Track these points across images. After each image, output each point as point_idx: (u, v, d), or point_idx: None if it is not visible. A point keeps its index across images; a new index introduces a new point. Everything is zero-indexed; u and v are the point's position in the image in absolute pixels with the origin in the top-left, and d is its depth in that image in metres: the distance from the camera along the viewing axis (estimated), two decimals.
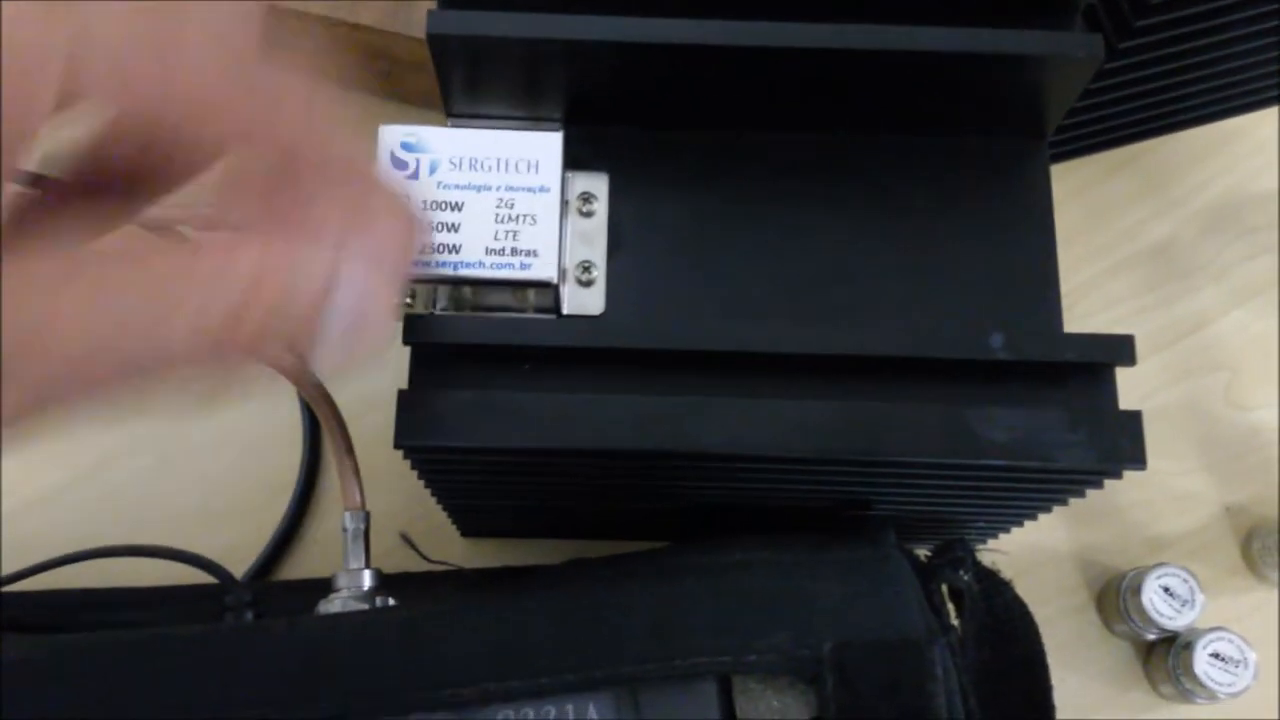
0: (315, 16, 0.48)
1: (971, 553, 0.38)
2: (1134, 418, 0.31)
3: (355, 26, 0.48)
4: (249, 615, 0.39)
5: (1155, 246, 0.55)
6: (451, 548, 0.49)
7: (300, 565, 0.49)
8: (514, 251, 0.33)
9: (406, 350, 0.33)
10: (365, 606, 0.37)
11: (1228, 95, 0.52)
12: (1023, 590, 0.39)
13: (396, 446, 0.31)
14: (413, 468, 0.34)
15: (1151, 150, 0.56)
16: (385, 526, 0.48)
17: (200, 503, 0.49)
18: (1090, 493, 0.50)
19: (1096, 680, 0.49)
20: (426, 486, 0.37)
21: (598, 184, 0.36)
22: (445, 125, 0.36)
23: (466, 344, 0.32)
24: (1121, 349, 0.32)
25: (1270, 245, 0.55)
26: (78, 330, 0.19)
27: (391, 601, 0.37)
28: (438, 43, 0.33)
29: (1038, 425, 0.31)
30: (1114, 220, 0.55)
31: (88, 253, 0.21)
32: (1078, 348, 0.32)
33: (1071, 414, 0.31)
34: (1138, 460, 0.31)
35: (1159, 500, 0.51)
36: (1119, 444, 0.31)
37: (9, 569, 0.43)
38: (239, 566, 0.48)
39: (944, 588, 0.37)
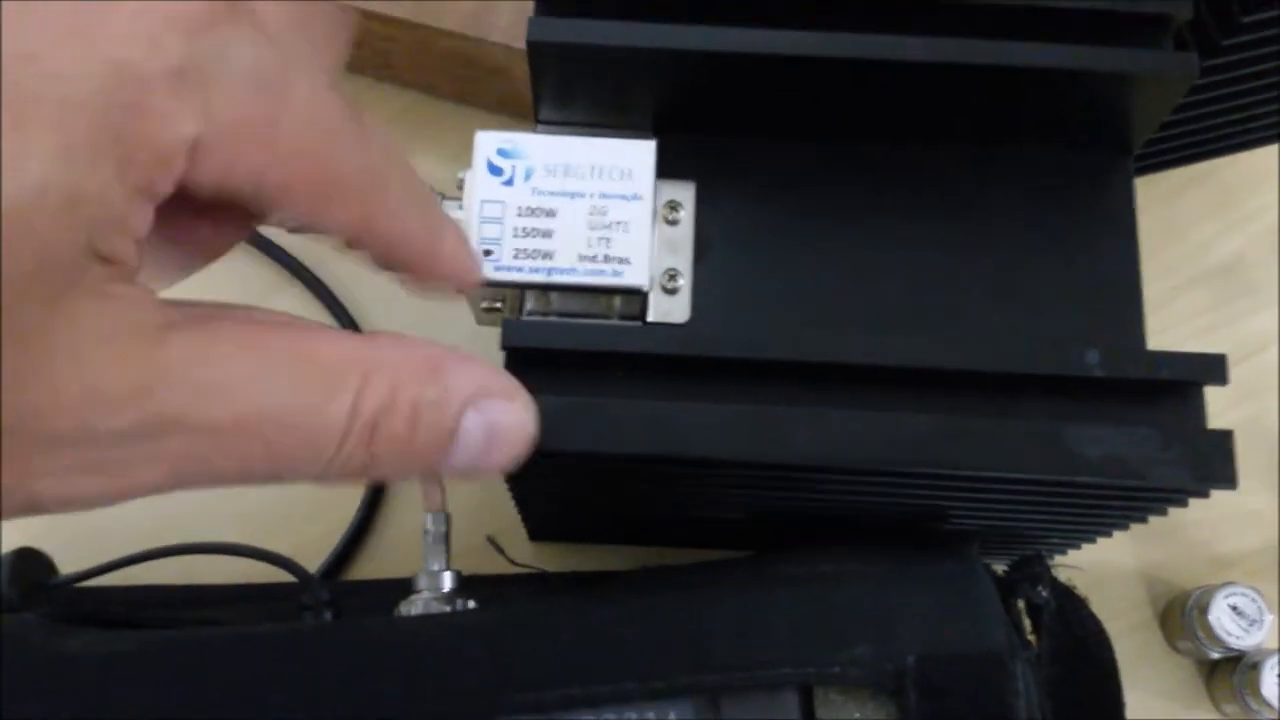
0: (399, 20, 0.48)
1: (1049, 569, 0.38)
2: (1226, 437, 0.31)
3: (438, 30, 0.48)
4: (327, 615, 0.39)
5: (1224, 264, 0.55)
6: (516, 551, 0.49)
7: (370, 564, 0.50)
8: (606, 259, 0.34)
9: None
10: (447, 608, 0.37)
11: None
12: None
13: None
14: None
15: (1223, 167, 0.55)
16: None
17: (270, 502, 0.50)
18: None
19: (1159, 698, 0.49)
20: (511, 490, 0.37)
21: (684, 192, 0.36)
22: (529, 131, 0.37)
23: (561, 349, 0.32)
24: (1214, 368, 0.32)
25: None
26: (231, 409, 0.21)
27: (472, 604, 0.37)
28: (537, 50, 0.34)
29: (1131, 443, 0.31)
30: (1183, 236, 0.55)
31: (263, 322, 0.23)
32: (1171, 366, 0.32)
33: (1164, 432, 0.31)
34: (1229, 480, 0.31)
35: (1224, 520, 0.51)
36: (1211, 463, 0.31)
37: (87, 564, 0.43)
38: (309, 566, 0.49)
39: (1020, 603, 0.37)
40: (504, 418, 0.26)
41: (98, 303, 0.19)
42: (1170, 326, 0.54)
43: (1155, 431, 0.31)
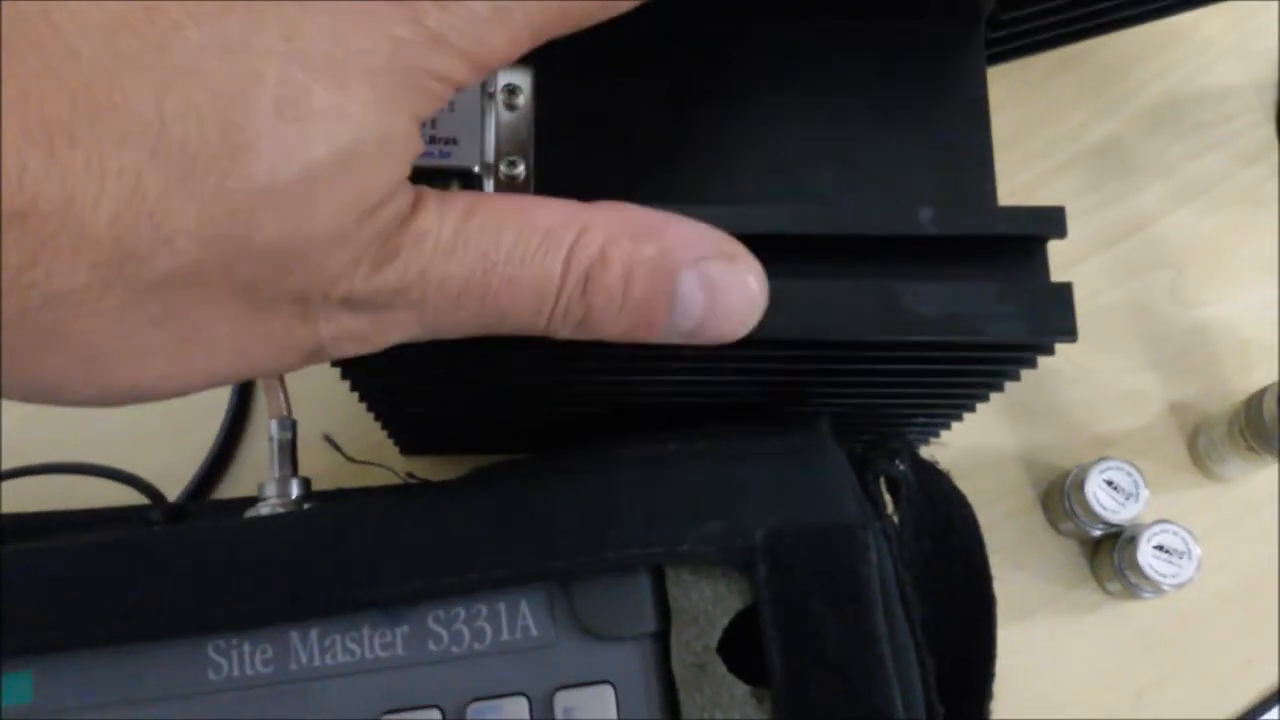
0: None
1: (909, 444, 0.37)
2: (1064, 289, 0.30)
3: None
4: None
5: (1098, 146, 0.54)
6: (392, 465, 0.48)
7: (236, 487, 0.49)
8: (433, 140, 0.32)
9: None
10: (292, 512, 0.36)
11: None
12: (968, 492, 0.39)
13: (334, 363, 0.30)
14: (343, 377, 0.33)
15: (1092, 51, 0.55)
16: (319, 444, 0.48)
17: (132, 422, 0.48)
18: (1033, 392, 0.51)
19: (1043, 579, 0.49)
20: (361, 400, 0.36)
21: (522, 77, 0.35)
22: None
23: None
24: (1052, 220, 0.31)
25: (1215, 143, 0.55)
26: None
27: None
28: None
29: (966, 298, 0.30)
30: (1057, 121, 0.54)
31: None
32: (1007, 220, 0.31)
33: (1001, 287, 0.30)
34: (1067, 331, 0.30)
35: (1104, 399, 0.51)
36: (1048, 316, 0.30)
37: None
38: (174, 488, 0.48)
39: (881, 480, 0.36)
40: (726, 279, 0.27)
41: (385, 208, 0.24)
42: None
43: (992, 286, 0.30)
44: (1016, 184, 0.54)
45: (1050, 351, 0.31)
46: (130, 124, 0.20)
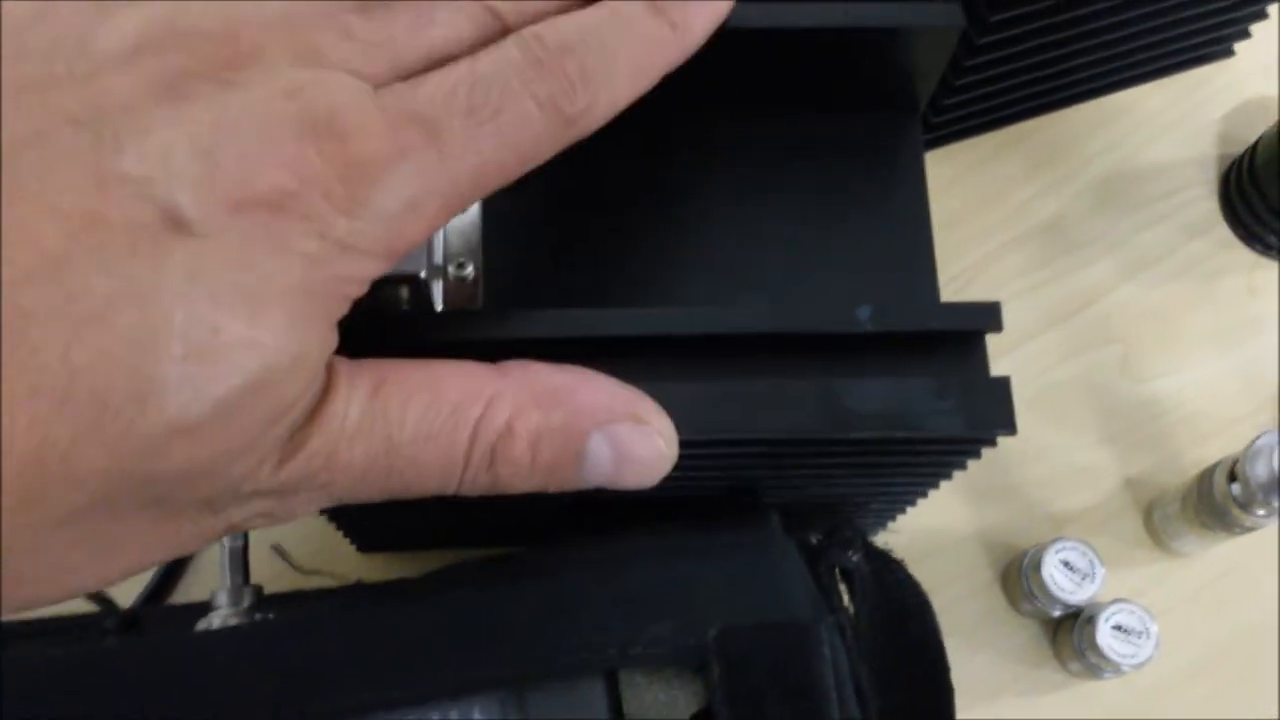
0: None
1: (861, 534, 0.37)
2: (1002, 384, 0.31)
3: None
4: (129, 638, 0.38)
5: (1047, 222, 0.55)
6: (349, 563, 0.48)
7: (193, 592, 0.48)
8: None
9: None
10: (243, 623, 0.35)
11: (1107, 70, 0.52)
12: (928, 573, 0.39)
13: None
14: None
15: (1039, 128, 0.56)
16: (272, 543, 0.47)
17: None
18: (990, 471, 0.51)
19: (1006, 658, 0.49)
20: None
21: None
22: None
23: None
24: (988, 316, 0.31)
25: (1162, 217, 0.55)
26: None
27: (270, 617, 0.36)
28: None
29: (905, 395, 0.30)
30: (1005, 198, 0.55)
31: None
32: (943, 316, 0.31)
33: (939, 382, 0.30)
34: (1006, 425, 0.30)
35: (1060, 476, 0.51)
36: (987, 410, 0.30)
37: None
38: (130, 593, 0.47)
39: (835, 570, 0.37)
40: (631, 441, 0.28)
41: (295, 410, 0.24)
42: (998, 286, 0.54)
43: (930, 381, 0.30)
44: (968, 261, 0.55)
45: (992, 444, 0.32)
46: (38, 378, 0.20)
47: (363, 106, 0.23)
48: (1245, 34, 0.55)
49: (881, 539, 0.39)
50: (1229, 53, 0.56)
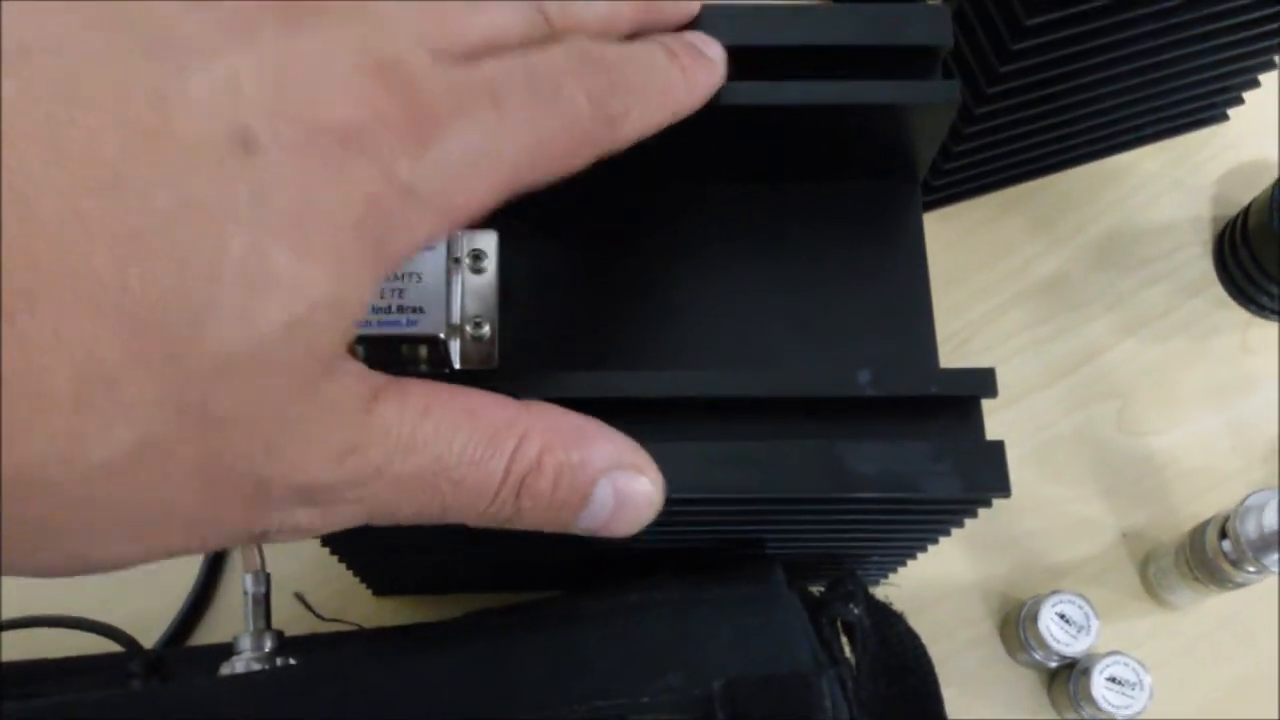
0: None
1: (862, 587, 0.39)
2: (996, 448, 0.32)
3: None
4: (155, 682, 0.39)
5: (1047, 281, 0.57)
6: (365, 607, 0.49)
7: (214, 631, 0.50)
8: (400, 309, 0.34)
9: None
10: (266, 668, 0.37)
11: (1104, 135, 0.54)
12: (927, 623, 0.40)
13: None
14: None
15: (1040, 189, 0.58)
16: (298, 587, 0.49)
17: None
18: (989, 522, 0.52)
19: (1003, 709, 0.50)
20: (332, 553, 0.38)
21: (488, 241, 0.37)
22: None
23: None
24: (983, 382, 0.33)
25: (1159, 276, 0.57)
26: None
27: (292, 662, 0.37)
28: None
29: (904, 457, 0.32)
30: (1007, 257, 0.57)
31: None
32: (941, 382, 0.33)
33: (936, 446, 0.32)
34: (1001, 488, 0.32)
35: (1058, 528, 0.53)
36: (983, 473, 0.32)
37: None
38: (154, 631, 0.49)
39: (837, 622, 0.38)
40: (632, 488, 0.29)
41: (336, 381, 0.24)
42: (998, 343, 0.55)
43: (927, 445, 0.32)
44: (970, 318, 0.56)
45: (987, 504, 0.33)
46: (89, 287, 0.19)
47: (429, 64, 0.24)
48: (1239, 100, 0.56)
49: (882, 591, 0.40)
50: (1224, 117, 0.58)
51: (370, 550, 0.39)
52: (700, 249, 0.37)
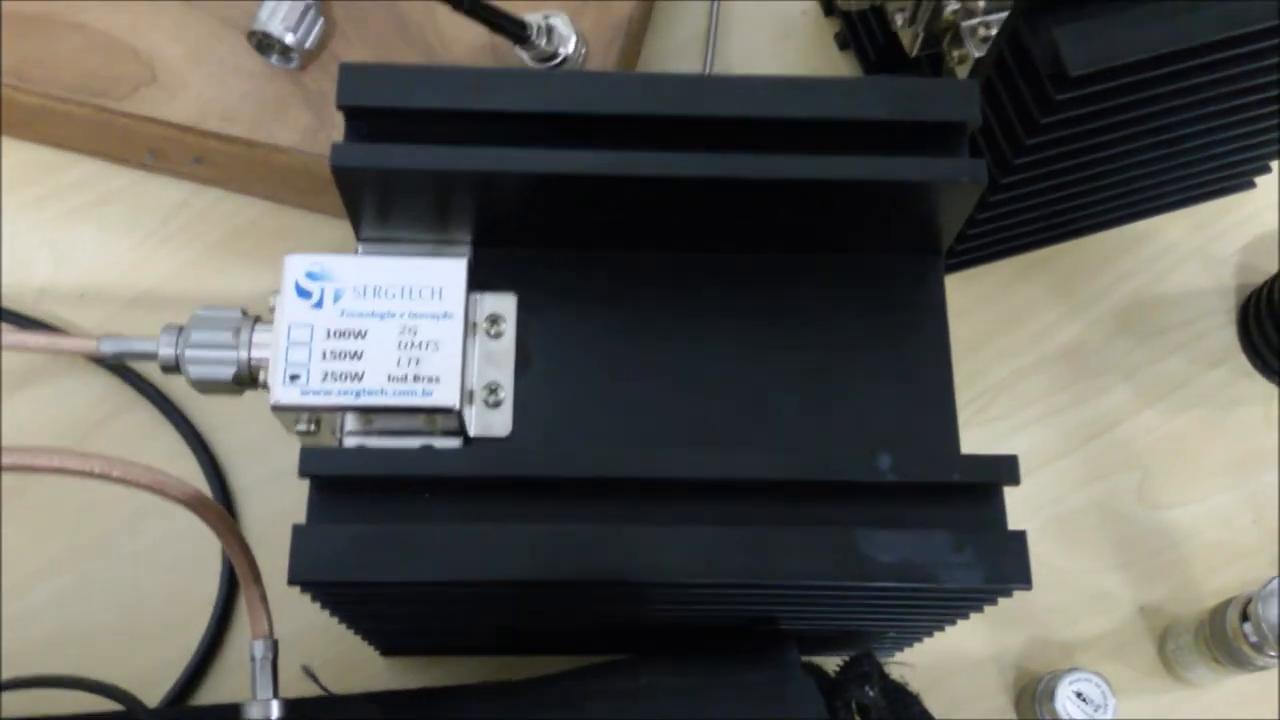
0: (238, 138, 0.49)
1: (878, 667, 0.38)
2: (1018, 538, 0.32)
3: (275, 147, 0.49)
4: None
5: (1067, 347, 0.56)
6: (372, 666, 0.49)
7: (221, 687, 0.49)
8: (416, 379, 0.34)
9: None
10: None
11: (1128, 203, 0.53)
12: (942, 697, 0.40)
13: (290, 583, 0.31)
14: (313, 600, 0.34)
15: (1061, 254, 0.57)
16: (304, 647, 0.48)
17: (120, 623, 0.49)
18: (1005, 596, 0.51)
19: None
20: (332, 615, 0.37)
21: (506, 305, 0.37)
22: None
23: (359, 476, 0.32)
24: (1006, 470, 0.32)
25: (1179, 345, 0.56)
26: None
27: None
28: (343, 176, 0.34)
29: (924, 547, 0.31)
30: (1026, 322, 0.56)
31: None
32: (963, 469, 0.32)
33: (957, 535, 0.31)
34: (1022, 580, 0.31)
35: (1075, 601, 0.52)
36: (1004, 565, 0.31)
37: None
38: (162, 686, 0.48)
39: (852, 704, 0.37)
40: None
41: None
42: (1017, 410, 0.55)
43: (948, 534, 0.31)
44: (988, 383, 0.56)
45: (1008, 595, 0.33)
46: None
47: None
48: (1266, 168, 0.56)
49: (897, 671, 0.40)
50: (1249, 185, 0.57)
51: (365, 614, 0.39)
52: (720, 318, 0.37)
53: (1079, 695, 0.46)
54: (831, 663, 0.41)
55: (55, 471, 0.35)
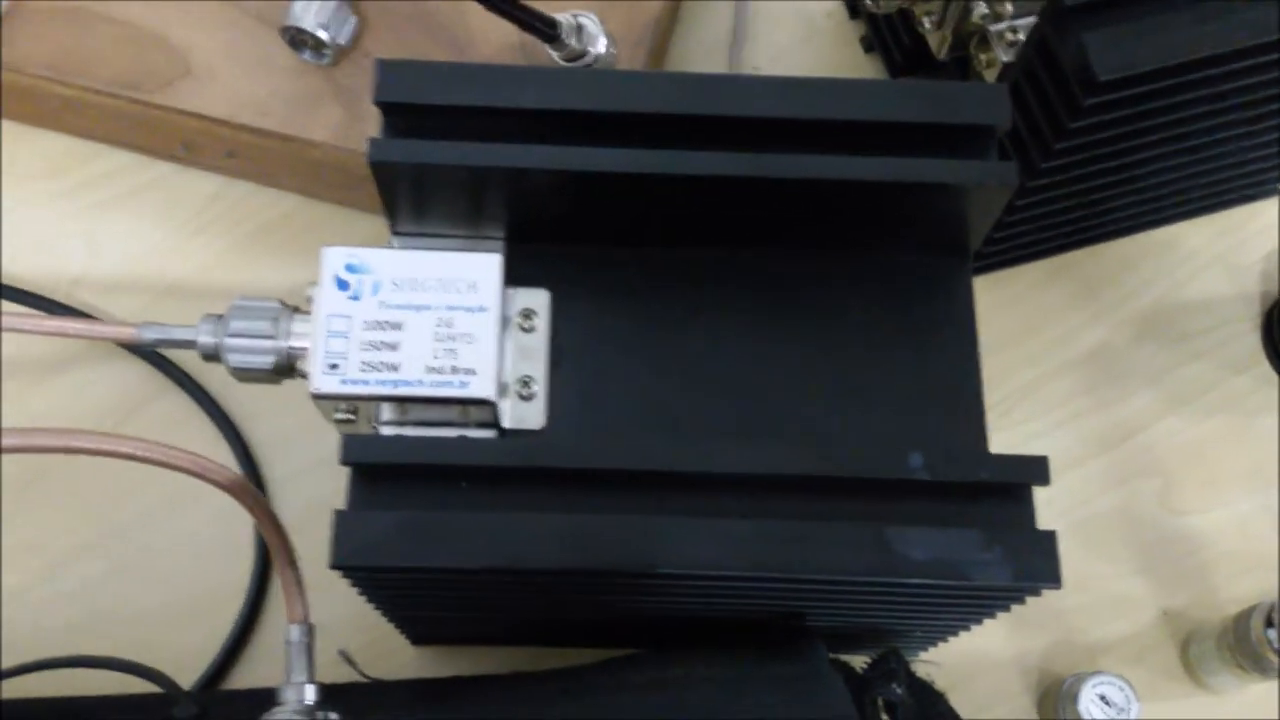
0: (272, 132, 0.49)
1: (905, 665, 0.38)
2: (1048, 537, 0.32)
3: (309, 142, 0.49)
4: None
5: (1091, 351, 0.56)
6: (402, 655, 0.49)
7: (253, 671, 0.50)
8: (453, 370, 0.34)
9: None
10: None
11: (1153, 208, 0.54)
12: (965, 697, 0.40)
13: (332, 567, 0.31)
14: (352, 585, 0.34)
15: (1086, 258, 0.57)
16: (335, 634, 0.49)
17: (154, 607, 0.50)
18: (1030, 597, 0.52)
19: None
20: (368, 602, 0.38)
21: (539, 300, 0.37)
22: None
23: (399, 464, 0.33)
24: (1037, 470, 0.33)
25: (1203, 351, 0.57)
26: None
27: (333, 716, 0.37)
28: (381, 170, 0.34)
29: (954, 544, 0.31)
30: (1050, 326, 0.57)
31: None
32: (993, 469, 0.33)
33: (987, 533, 0.32)
34: (1052, 579, 0.32)
35: (1098, 605, 0.52)
36: (1033, 563, 0.32)
37: None
38: (194, 670, 0.49)
39: (879, 701, 0.38)
40: None
41: None
42: (1040, 414, 0.55)
43: (978, 533, 0.32)
44: (1012, 387, 0.56)
45: (1036, 593, 0.33)
46: None
47: None
48: None
49: (923, 670, 0.40)
50: (1275, 192, 0.57)
51: (402, 601, 0.39)
52: (753, 315, 0.37)
53: (1102, 698, 0.46)
54: (856, 661, 0.41)
55: (96, 454, 0.36)
